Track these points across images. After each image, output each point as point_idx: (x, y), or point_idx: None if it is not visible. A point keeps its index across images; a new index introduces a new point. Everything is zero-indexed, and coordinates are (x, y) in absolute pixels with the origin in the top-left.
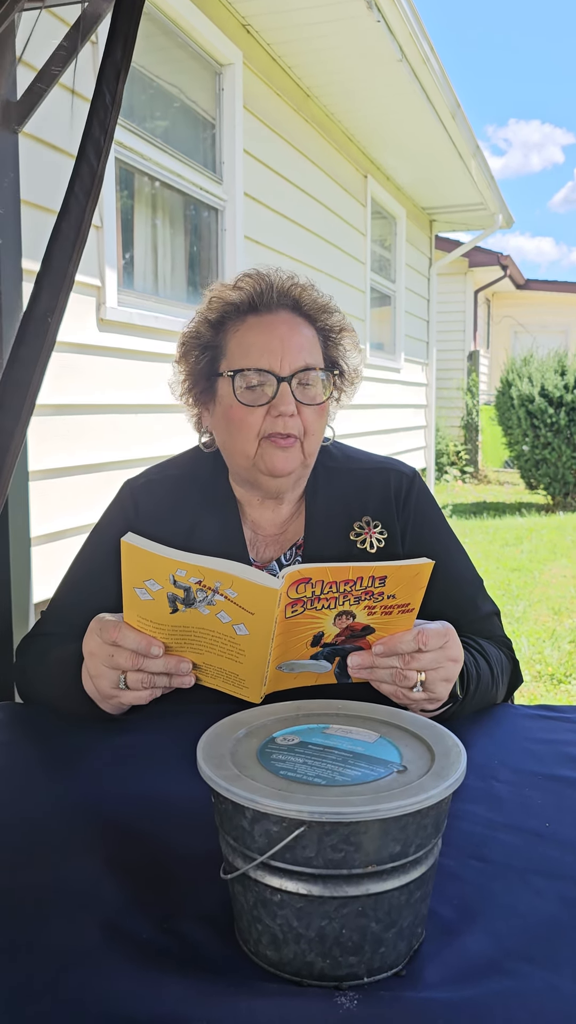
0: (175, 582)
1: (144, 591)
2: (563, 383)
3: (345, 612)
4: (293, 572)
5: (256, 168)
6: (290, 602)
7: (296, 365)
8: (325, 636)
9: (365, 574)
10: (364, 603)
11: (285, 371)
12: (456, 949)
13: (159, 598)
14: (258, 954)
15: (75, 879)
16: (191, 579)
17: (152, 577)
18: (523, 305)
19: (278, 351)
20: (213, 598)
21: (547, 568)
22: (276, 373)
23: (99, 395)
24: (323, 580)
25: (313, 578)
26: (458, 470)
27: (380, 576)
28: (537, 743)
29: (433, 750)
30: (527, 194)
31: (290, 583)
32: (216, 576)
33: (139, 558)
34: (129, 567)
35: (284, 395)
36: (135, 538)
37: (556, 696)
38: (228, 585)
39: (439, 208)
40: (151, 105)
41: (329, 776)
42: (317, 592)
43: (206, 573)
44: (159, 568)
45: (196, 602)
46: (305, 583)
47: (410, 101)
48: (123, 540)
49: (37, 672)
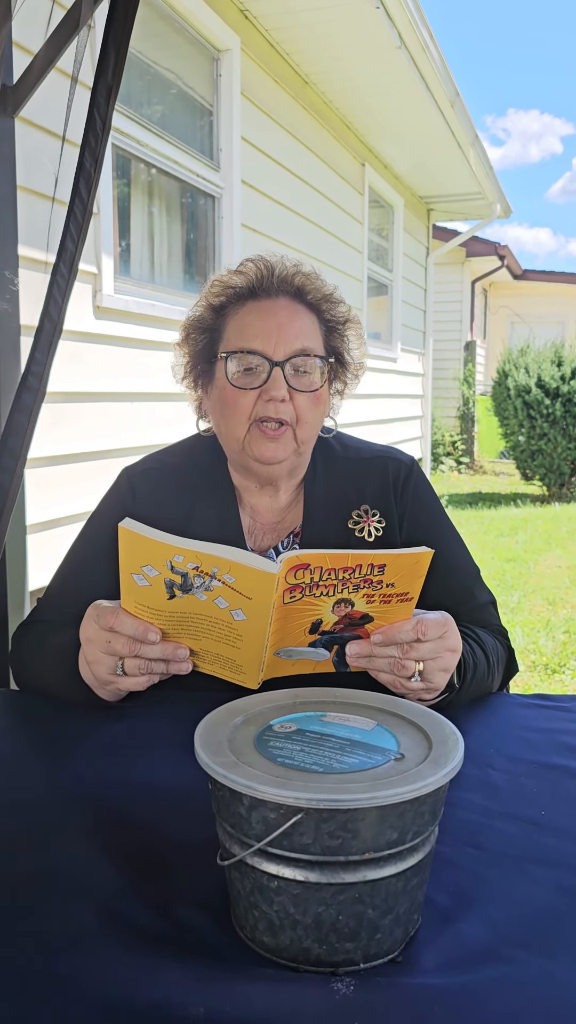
0: (172, 568)
1: (141, 577)
2: (559, 374)
3: (344, 600)
4: (291, 557)
5: (254, 155)
6: (288, 588)
7: (291, 350)
8: (324, 624)
9: (364, 562)
10: (363, 591)
11: (279, 355)
12: (452, 936)
13: (156, 584)
14: (255, 940)
15: (72, 865)
16: (188, 565)
17: (149, 563)
18: (520, 295)
19: (273, 335)
20: (211, 584)
21: (542, 558)
22: (269, 357)
23: (95, 383)
24: (322, 567)
25: (312, 564)
26: (454, 460)
27: (379, 564)
28: (533, 732)
29: (430, 738)
30: (525, 184)
31: (288, 568)
32: (214, 561)
33: (136, 544)
34: (126, 553)
35: (276, 379)
36: (132, 523)
37: (550, 686)
38: (226, 570)
39: (437, 197)
40: (148, 91)
41: (326, 763)
42: (315, 579)
43: (203, 559)
44: (156, 554)
45: (194, 588)
46: (303, 569)
47: (409, 89)
48: (120, 526)
49: (33, 659)
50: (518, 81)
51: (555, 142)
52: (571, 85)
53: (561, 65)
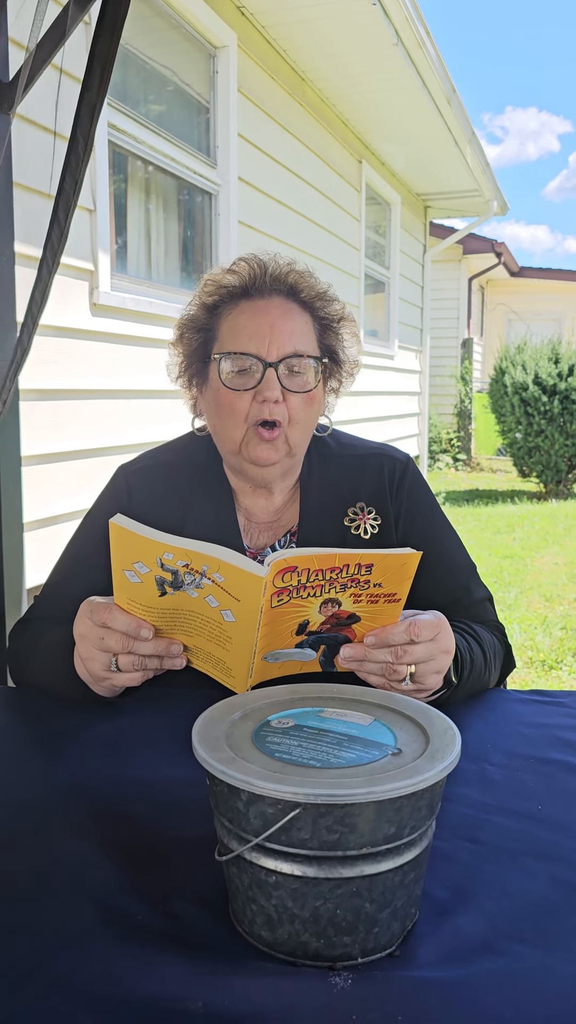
0: (163, 565)
1: (133, 574)
2: (556, 371)
3: (331, 600)
4: (279, 560)
5: (250, 152)
6: (276, 591)
7: (284, 351)
8: (310, 624)
9: (351, 561)
10: (350, 591)
11: (272, 356)
12: (449, 930)
13: (148, 581)
14: (253, 935)
15: (70, 861)
16: (178, 562)
17: (140, 560)
18: (517, 293)
19: (266, 336)
20: (201, 581)
21: (539, 556)
22: (263, 358)
23: (92, 380)
24: (309, 568)
25: (299, 567)
26: (451, 457)
27: (367, 564)
28: (529, 727)
29: (427, 733)
30: (523, 182)
31: (276, 572)
32: (203, 560)
33: (127, 540)
34: (118, 549)
35: (269, 380)
36: (124, 520)
37: (547, 682)
38: (215, 569)
39: (434, 194)
40: (145, 88)
41: (324, 759)
42: (303, 580)
43: (193, 556)
44: (147, 551)
45: (184, 585)
46: (291, 572)
47: (406, 86)
48: (111, 522)
49: (30, 656)
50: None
51: (552, 140)
52: (569, 83)
53: (559, 63)
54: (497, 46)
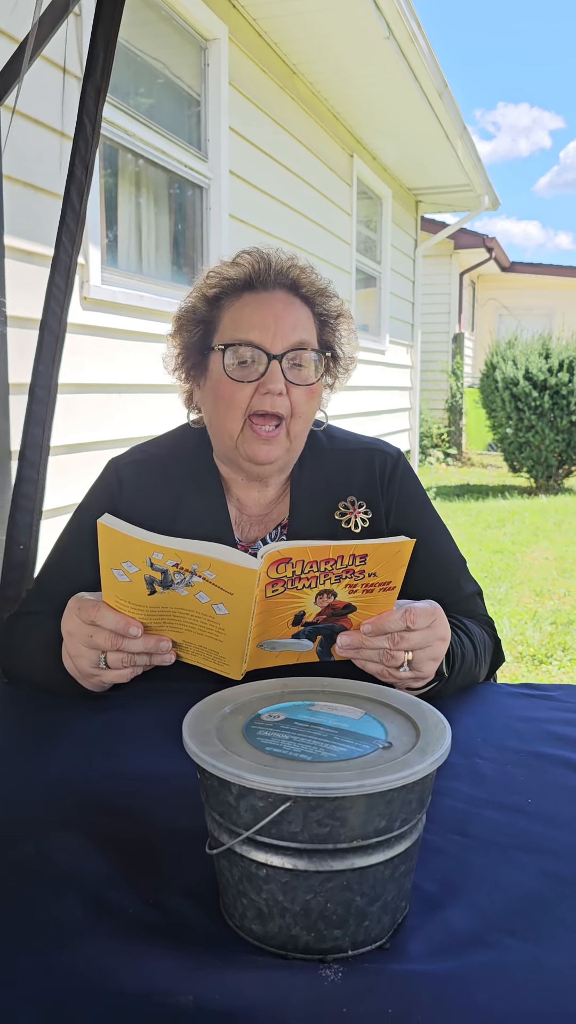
0: (152, 564)
1: (122, 573)
2: (547, 366)
3: (326, 591)
4: (272, 552)
5: (241, 146)
6: (270, 582)
7: (288, 344)
8: (307, 615)
9: (346, 552)
10: (345, 581)
11: (277, 349)
12: (439, 923)
13: (136, 580)
14: (243, 928)
15: (60, 855)
16: (168, 562)
17: (129, 559)
18: (508, 288)
19: (271, 328)
20: (191, 580)
21: (529, 550)
22: (267, 350)
23: (83, 374)
24: (303, 559)
25: (293, 558)
26: (441, 452)
27: (361, 554)
28: (519, 721)
29: (418, 726)
30: (514, 178)
31: (269, 563)
32: (193, 559)
33: (116, 540)
34: (106, 549)
35: (274, 373)
36: (112, 520)
37: (537, 676)
38: (206, 567)
39: (425, 189)
40: (135, 80)
41: (315, 752)
42: (297, 572)
43: (183, 556)
44: (135, 551)
45: (174, 584)
46: (285, 563)
47: (397, 80)
48: (99, 522)
49: (21, 651)
50: (508, 75)
51: (544, 136)
52: (561, 79)
53: (551, 59)
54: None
